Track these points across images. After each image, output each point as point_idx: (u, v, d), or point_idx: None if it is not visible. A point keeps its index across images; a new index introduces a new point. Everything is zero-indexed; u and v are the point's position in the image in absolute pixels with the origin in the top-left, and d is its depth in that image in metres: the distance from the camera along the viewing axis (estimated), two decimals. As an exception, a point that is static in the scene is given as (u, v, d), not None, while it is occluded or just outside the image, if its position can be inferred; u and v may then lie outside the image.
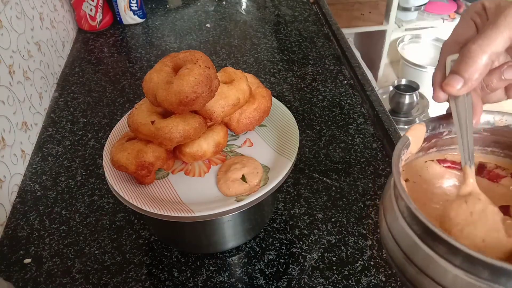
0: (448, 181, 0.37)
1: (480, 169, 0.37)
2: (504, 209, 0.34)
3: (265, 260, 0.56)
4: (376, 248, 0.56)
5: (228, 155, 0.53)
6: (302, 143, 0.71)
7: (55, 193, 0.66)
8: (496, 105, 0.36)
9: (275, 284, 0.53)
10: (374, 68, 2.02)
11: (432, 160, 0.38)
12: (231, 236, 0.55)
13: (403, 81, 1.71)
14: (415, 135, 0.35)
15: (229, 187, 0.48)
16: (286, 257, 0.56)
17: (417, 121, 1.82)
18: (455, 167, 0.38)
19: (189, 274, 0.55)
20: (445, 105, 0.36)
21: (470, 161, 0.32)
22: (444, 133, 0.36)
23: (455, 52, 0.33)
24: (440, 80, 0.33)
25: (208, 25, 1.08)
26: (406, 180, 0.37)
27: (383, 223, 0.34)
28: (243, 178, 0.49)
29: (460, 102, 0.32)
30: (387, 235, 0.32)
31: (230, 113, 0.52)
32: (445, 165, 0.38)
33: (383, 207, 0.34)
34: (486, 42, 0.29)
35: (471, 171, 0.32)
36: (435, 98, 0.34)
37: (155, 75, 0.47)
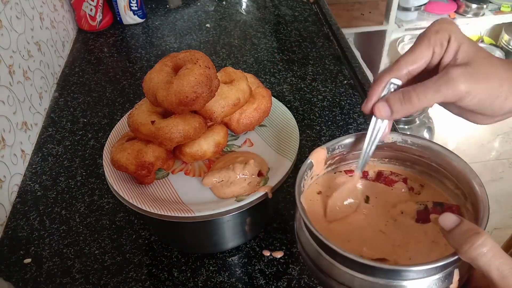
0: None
1: (378, 176, 0.43)
2: (424, 215, 0.39)
3: (265, 260, 0.56)
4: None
5: (228, 155, 0.53)
6: (302, 143, 0.71)
7: (55, 193, 0.66)
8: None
9: (275, 284, 0.53)
10: (374, 68, 2.02)
11: (341, 171, 0.44)
12: (231, 236, 0.55)
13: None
14: (317, 157, 0.40)
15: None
16: (286, 257, 0.56)
17: (417, 121, 1.82)
18: None
19: (189, 274, 0.55)
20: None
21: (361, 169, 0.41)
22: (344, 152, 0.42)
23: (401, 75, 0.36)
24: (374, 97, 0.37)
25: (208, 25, 1.08)
26: (319, 193, 0.42)
27: (296, 229, 0.40)
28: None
29: (379, 121, 0.39)
30: (299, 246, 0.39)
31: (230, 113, 0.52)
32: (350, 174, 0.44)
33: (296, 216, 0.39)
34: (424, 100, 0.34)
35: (357, 176, 0.41)
36: (362, 108, 0.39)
37: (155, 75, 0.47)
